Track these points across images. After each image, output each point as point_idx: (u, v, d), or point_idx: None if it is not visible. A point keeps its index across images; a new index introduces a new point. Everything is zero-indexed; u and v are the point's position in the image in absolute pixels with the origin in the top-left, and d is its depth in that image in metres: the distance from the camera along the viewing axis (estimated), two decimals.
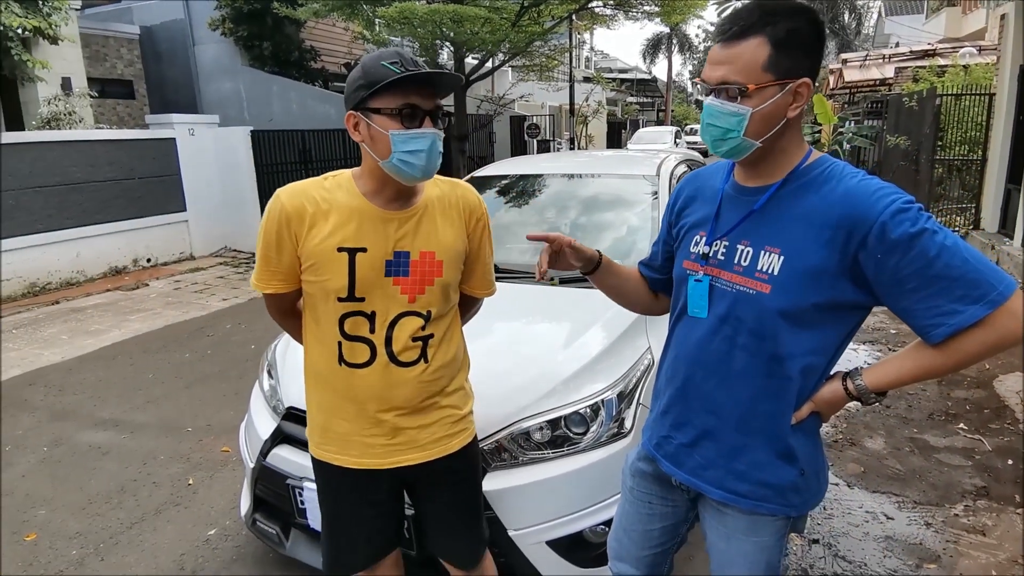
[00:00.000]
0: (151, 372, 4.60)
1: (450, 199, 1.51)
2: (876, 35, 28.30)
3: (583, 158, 4.62)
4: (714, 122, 1.17)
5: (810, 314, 1.16)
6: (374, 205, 1.42)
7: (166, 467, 3.26)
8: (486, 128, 14.69)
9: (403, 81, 1.30)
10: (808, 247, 1.15)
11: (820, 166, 1.21)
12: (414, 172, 1.35)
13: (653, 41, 35.69)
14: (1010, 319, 1.05)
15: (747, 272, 1.21)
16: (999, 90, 7.86)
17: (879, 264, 1.10)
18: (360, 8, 10.08)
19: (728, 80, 1.14)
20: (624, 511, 1.55)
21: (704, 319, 1.28)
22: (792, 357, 1.19)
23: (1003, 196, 7.74)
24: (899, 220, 1.07)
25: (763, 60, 1.12)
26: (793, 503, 1.27)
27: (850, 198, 1.13)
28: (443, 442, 1.54)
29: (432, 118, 1.35)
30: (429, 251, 1.44)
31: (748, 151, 1.19)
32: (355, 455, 1.51)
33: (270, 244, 1.42)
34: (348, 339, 1.44)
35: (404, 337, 1.44)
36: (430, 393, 1.50)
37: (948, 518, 2.65)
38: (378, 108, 1.33)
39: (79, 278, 7.46)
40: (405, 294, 1.43)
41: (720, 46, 1.16)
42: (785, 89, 1.14)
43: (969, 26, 17.97)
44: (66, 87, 8.92)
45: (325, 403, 1.52)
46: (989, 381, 3.99)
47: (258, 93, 12.04)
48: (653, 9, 11.28)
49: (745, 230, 1.24)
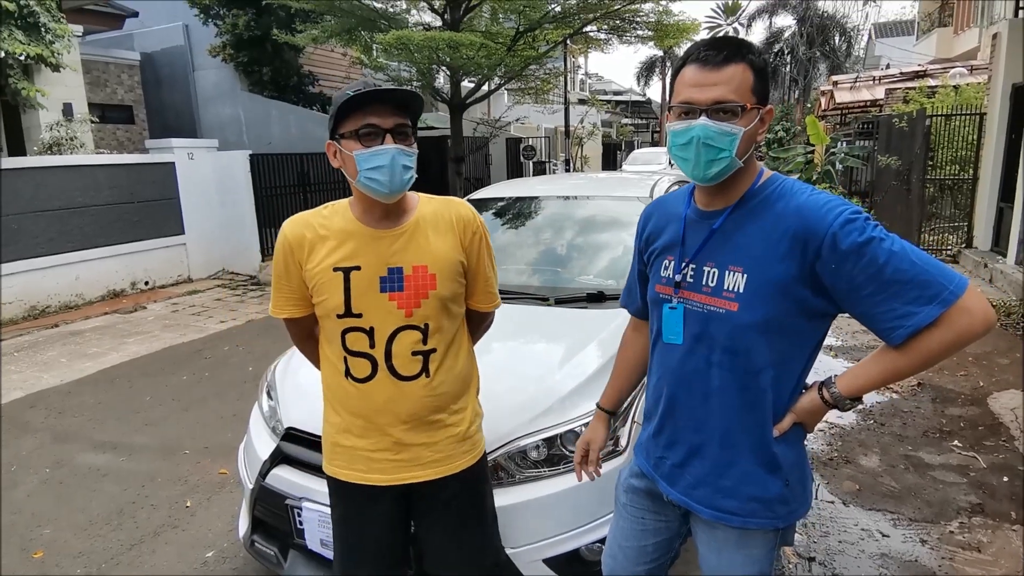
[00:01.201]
0: (149, 395, 4.61)
1: (443, 214, 1.56)
2: (867, 57, 28.75)
3: (578, 180, 4.69)
4: (711, 142, 1.18)
5: (778, 326, 1.22)
6: (366, 226, 1.50)
7: (164, 489, 3.26)
8: (482, 150, 14.84)
9: (361, 103, 1.38)
10: (768, 262, 1.20)
11: (772, 184, 1.27)
12: (381, 188, 1.41)
13: (647, 64, 36.17)
14: (964, 316, 1.10)
15: (715, 292, 1.26)
16: (990, 108, 7.99)
17: (834, 273, 1.15)
18: (358, 34, 10.24)
19: (725, 99, 1.17)
20: (618, 527, 1.58)
21: (680, 344, 1.33)
22: (764, 369, 1.24)
23: (995, 214, 7.84)
24: (848, 230, 1.13)
25: (751, 83, 1.19)
26: (780, 514, 1.30)
27: (802, 212, 1.19)
28: (448, 461, 1.57)
29: (394, 135, 1.40)
30: (422, 265, 1.49)
31: (730, 172, 1.23)
32: (361, 470, 1.56)
33: (280, 272, 1.54)
34: (351, 354, 1.51)
35: (403, 351, 1.50)
36: (435, 408, 1.54)
37: (943, 535, 2.66)
38: (344, 132, 1.41)
39: (78, 301, 7.48)
40: (402, 308, 1.48)
41: (707, 70, 1.18)
42: (761, 113, 1.22)
43: (961, 46, 18.25)
44: (67, 113, 9.02)
45: (334, 419, 1.58)
46: (983, 398, 4.02)
47: (257, 117, 12.18)
48: (646, 34, 11.46)
49: (709, 252, 1.29)
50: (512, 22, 10.59)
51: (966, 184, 8.79)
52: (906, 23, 27.94)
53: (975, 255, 7.75)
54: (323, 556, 2.00)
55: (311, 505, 1.96)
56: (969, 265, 7.70)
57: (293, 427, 2.14)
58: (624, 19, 10.96)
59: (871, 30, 28.91)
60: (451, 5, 10.04)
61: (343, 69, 13.94)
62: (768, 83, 1.24)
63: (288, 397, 2.29)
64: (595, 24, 11.11)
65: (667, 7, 10.68)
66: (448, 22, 10.19)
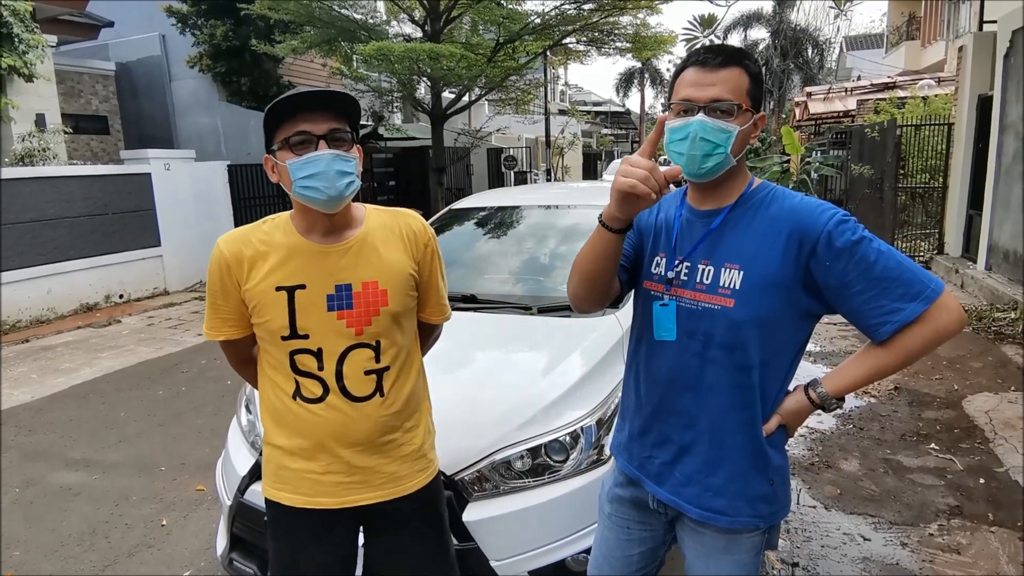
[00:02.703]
0: (124, 410, 4.50)
1: (391, 227, 1.49)
2: (839, 69, 29.37)
3: (560, 189, 4.71)
4: (707, 137, 1.22)
5: (772, 322, 1.26)
6: (310, 241, 1.41)
7: (139, 508, 3.18)
8: (463, 160, 14.87)
9: (290, 110, 1.31)
10: (765, 260, 1.24)
11: (764, 189, 1.32)
12: (317, 196, 1.32)
13: (626, 75, 36.57)
14: (944, 312, 1.19)
15: (710, 289, 1.29)
16: (958, 119, 8.21)
17: (828, 270, 1.21)
18: (338, 45, 10.22)
19: (722, 98, 1.22)
20: (603, 537, 1.57)
21: (673, 341, 1.33)
22: (760, 366, 1.28)
23: (965, 221, 8.02)
24: (842, 230, 1.20)
25: (747, 87, 1.25)
26: (763, 514, 1.32)
27: (797, 213, 1.25)
28: (401, 481, 1.48)
29: (328, 141, 1.32)
30: (372, 280, 1.42)
31: (724, 169, 1.27)
32: (307, 493, 1.45)
33: (215, 291, 1.44)
34: (300, 375, 1.42)
35: (355, 371, 1.42)
36: (389, 428, 1.45)
37: (923, 538, 2.69)
38: (277, 143, 1.34)
39: (50, 315, 7.31)
40: (351, 327, 1.40)
41: (704, 71, 1.24)
42: (754, 117, 1.27)
43: (928, 59, 18.76)
44: (40, 123, 8.86)
45: (280, 441, 1.47)
46: (958, 401, 4.09)
47: (235, 128, 12.06)
48: (625, 46, 11.61)
49: (704, 250, 1.31)
50: (492, 34, 10.66)
51: (936, 192, 9.00)
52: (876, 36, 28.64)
53: (947, 261, 7.92)
54: None
55: None
56: (941, 271, 7.86)
57: None
58: (603, 31, 11.09)
59: (842, 43, 29.58)
60: (431, 17, 10.07)
61: (323, 80, 13.89)
62: (762, 91, 1.29)
63: None
64: (574, 36, 11.23)
65: (644, 20, 10.85)
66: (428, 33, 10.22)
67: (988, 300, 6.35)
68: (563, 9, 10.47)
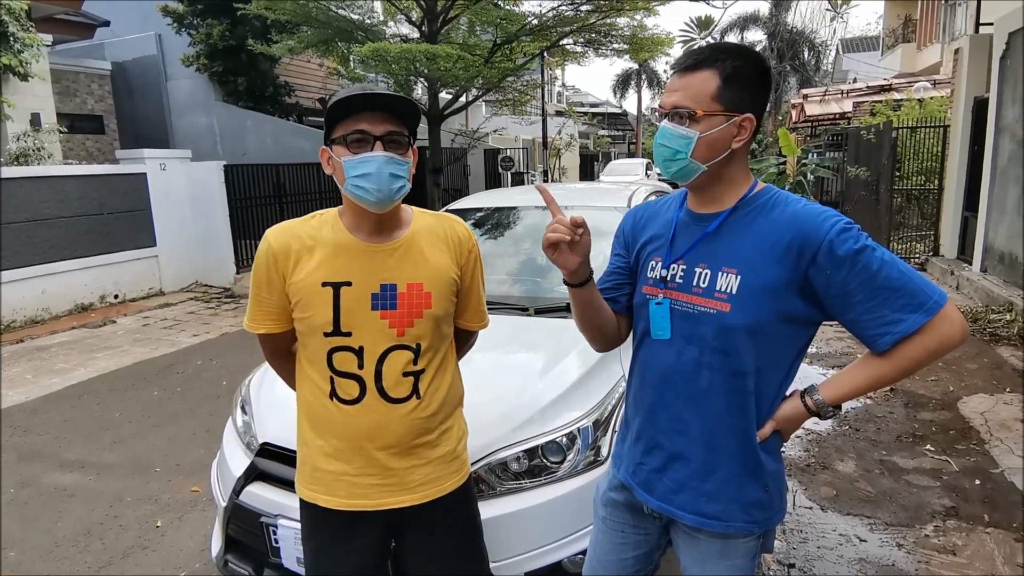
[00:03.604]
0: (118, 411, 4.49)
1: (437, 231, 1.50)
2: (835, 71, 29.46)
3: (557, 190, 4.70)
4: (666, 143, 1.27)
5: (768, 329, 1.24)
6: (357, 239, 1.42)
7: (133, 509, 3.17)
8: (460, 161, 14.85)
9: (354, 109, 1.33)
10: (763, 266, 1.23)
11: (766, 194, 1.30)
12: (367, 196, 1.34)
13: (623, 77, 36.60)
14: (947, 324, 1.17)
15: (706, 293, 1.28)
16: (954, 121, 8.23)
17: (828, 279, 1.19)
18: (335, 45, 10.21)
19: (680, 105, 1.24)
20: (597, 541, 1.56)
21: (668, 341, 1.33)
22: (755, 372, 1.26)
23: (960, 223, 8.05)
24: (844, 238, 1.18)
25: (712, 90, 1.23)
26: (758, 519, 1.31)
27: (799, 220, 1.22)
28: (436, 483, 1.49)
29: (385, 143, 1.34)
30: (417, 283, 1.43)
31: (695, 174, 1.27)
32: (342, 496, 1.46)
33: (260, 284, 1.44)
34: (338, 375, 1.42)
35: (394, 372, 1.42)
36: (424, 430, 1.46)
37: (919, 539, 2.69)
38: (335, 138, 1.36)
39: (44, 316, 7.28)
40: (393, 327, 1.40)
41: (676, 76, 1.27)
42: (730, 120, 1.24)
43: (924, 61, 18.82)
44: (35, 123, 8.82)
45: (316, 442, 1.48)
46: (954, 403, 4.10)
47: (232, 128, 12.04)
48: (622, 47, 11.62)
49: (701, 253, 1.30)
50: (489, 35, 10.66)
51: (932, 194, 9.03)
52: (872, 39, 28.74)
53: (942, 263, 7.95)
54: (299, 575, 1.95)
55: (287, 522, 1.91)
56: (936, 273, 7.89)
57: (268, 442, 2.09)
58: (600, 32, 11.10)
59: (838, 45, 29.68)
60: (428, 17, 10.06)
61: (320, 80, 13.87)
62: (748, 91, 1.24)
63: (263, 412, 2.24)
64: (571, 37, 11.24)
65: (641, 22, 10.86)
66: (426, 34, 10.21)
67: (983, 302, 6.37)
68: (560, 10, 10.48)
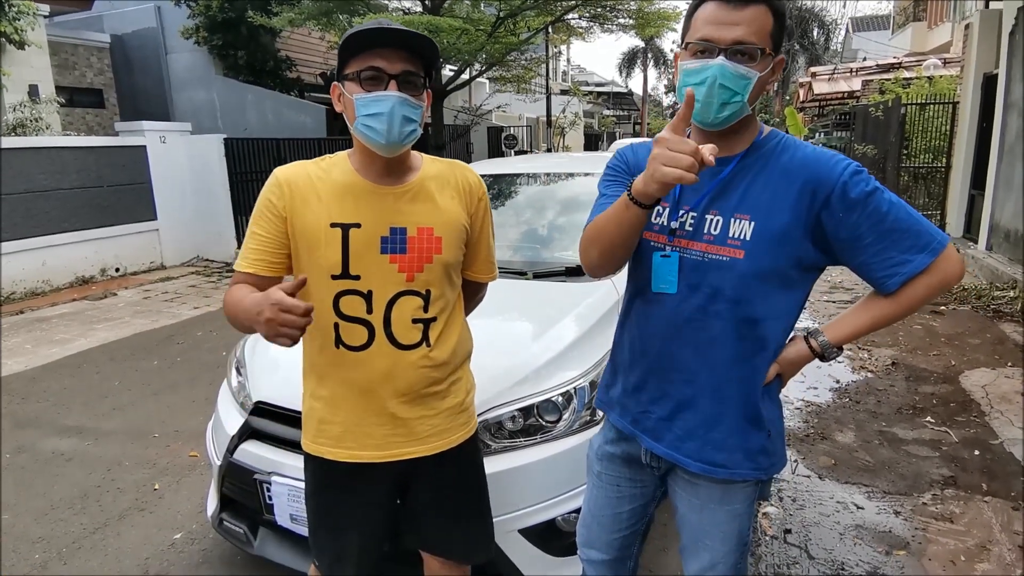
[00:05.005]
0: (118, 380, 4.49)
1: (448, 178, 1.46)
2: (844, 50, 29.05)
3: (559, 159, 4.65)
4: (727, 84, 1.14)
5: (781, 275, 1.22)
6: (367, 180, 1.38)
7: (131, 473, 3.17)
8: (463, 138, 14.74)
9: (370, 43, 1.27)
10: (776, 211, 1.19)
11: (775, 138, 1.26)
12: (377, 138, 1.29)
13: (629, 55, 36.15)
14: (949, 263, 1.19)
15: (719, 240, 1.23)
16: (963, 98, 8.11)
17: (840, 222, 1.17)
18: (336, 18, 10.07)
19: (745, 40, 1.13)
20: (592, 496, 1.54)
21: (673, 294, 1.28)
22: (765, 319, 1.24)
23: (967, 202, 7.96)
24: (856, 180, 1.16)
25: (770, 28, 1.16)
26: (763, 466, 1.30)
27: (811, 163, 1.20)
28: (446, 435, 1.47)
29: (400, 82, 1.28)
30: (427, 227, 1.39)
31: (740, 117, 1.20)
32: (351, 446, 1.43)
33: (259, 216, 1.38)
34: (345, 319, 1.38)
35: (404, 318, 1.39)
36: (433, 380, 1.44)
37: (917, 506, 2.68)
38: (347, 74, 1.31)
39: (45, 288, 7.28)
40: (403, 272, 1.37)
41: (727, 7, 1.14)
42: (774, 61, 1.19)
43: (934, 40, 18.55)
44: (33, 94, 8.75)
45: (322, 392, 1.45)
46: (955, 376, 4.07)
47: (232, 102, 11.93)
48: (628, 22, 11.45)
49: (712, 200, 1.25)
50: (493, 9, 10.49)
51: (939, 173, 8.93)
52: (882, 18, 28.33)
53: None
54: (293, 532, 1.95)
55: (280, 479, 1.91)
56: None
57: (263, 401, 2.08)
58: (605, 7, 10.92)
59: (848, 24, 29.25)
60: None
61: (321, 55, 13.72)
62: (784, 31, 1.20)
63: (258, 371, 2.22)
64: (576, 11, 11.06)
65: None
66: (428, 8, 10.07)
67: (988, 279, 6.32)
68: None
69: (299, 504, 1.85)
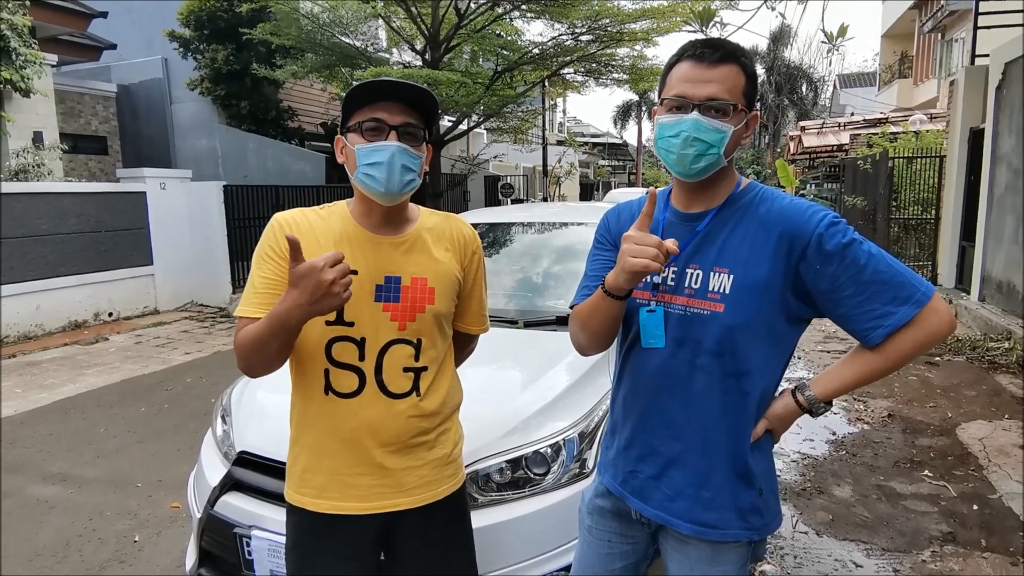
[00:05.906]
0: (104, 426, 4.41)
1: (443, 230, 1.49)
2: (832, 105, 29.87)
3: (553, 208, 4.71)
4: (701, 136, 1.18)
5: (762, 328, 1.22)
6: (365, 229, 1.40)
7: (112, 523, 3.09)
8: (460, 187, 14.94)
9: (371, 97, 1.32)
10: (754, 263, 1.20)
11: (752, 190, 1.28)
12: (376, 186, 1.32)
13: (623, 108, 37.05)
14: (935, 316, 1.17)
15: (699, 294, 1.24)
16: (950, 152, 8.30)
17: (818, 273, 1.18)
18: (338, 71, 10.36)
19: (717, 97, 1.18)
20: (583, 552, 1.50)
21: (662, 348, 1.28)
22: (750, 372, 1.23)
23: (958, 253, 8.06)
24: (832, 232, 1.17)
25: (742, 86, 1.21)
26: (755, 526, 1.27)
27: (787, 215, 1.21)
28: (432, 487, 1.45)
29: (400, 133, 1.32)
30: (421, 277, 1.41)
31: (715, 169, 1.23)
32: (333, 497, 1.40)
33: (265, 258, 1.38)
34: (336, 366, 1.38)
35: (395, 366, 1.39)
36: (422, 430, 1.42)
37: (916, 564, 2.62)
38: (350, 126, 1.35)
39: (38, 332, 7.23)
40: (395, 321, 1.38)
41: (701, 67, 1.19)
42: (747, 117, 1.23)
43: (920, 96, 19.09)
44: (37, 141, 8.89)
45: (308, 442, 1.42)
46: (952, 429, 4.03)
47: (234, 150, 12.13)
48: (622, 77, 11.80)
49: (692, 254, 1.27)
50: (491, 64, 10.81)
51: (929, 224, 9.06)
52: (869, 75, 29.23)
53: (940, 292, 7.91)
54: None
55: (261, 534, 1.86)
56: None
57: (246, 451, 2.05)
58: (600, 62, 11.27)
59: (836, 80, 30.15)
60: (431, 45, 10.22)
61: (322, 105, 14.04)
62: (756, 90, 1.25)
63: (244, 419, 2.20)
64: (572, 66, 11.40)
65: (641, 52, 11.03)
66: (428, 62, 10.36)
67: (982, 330, 6.33)
68: (561, 40, 10.66)
69: (279, 560, 1.80)
